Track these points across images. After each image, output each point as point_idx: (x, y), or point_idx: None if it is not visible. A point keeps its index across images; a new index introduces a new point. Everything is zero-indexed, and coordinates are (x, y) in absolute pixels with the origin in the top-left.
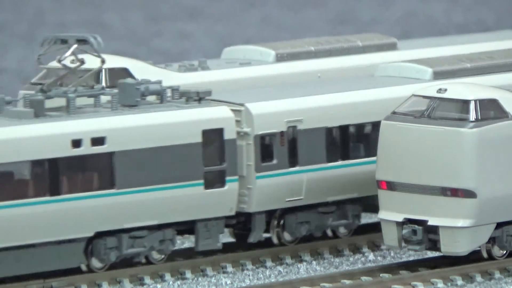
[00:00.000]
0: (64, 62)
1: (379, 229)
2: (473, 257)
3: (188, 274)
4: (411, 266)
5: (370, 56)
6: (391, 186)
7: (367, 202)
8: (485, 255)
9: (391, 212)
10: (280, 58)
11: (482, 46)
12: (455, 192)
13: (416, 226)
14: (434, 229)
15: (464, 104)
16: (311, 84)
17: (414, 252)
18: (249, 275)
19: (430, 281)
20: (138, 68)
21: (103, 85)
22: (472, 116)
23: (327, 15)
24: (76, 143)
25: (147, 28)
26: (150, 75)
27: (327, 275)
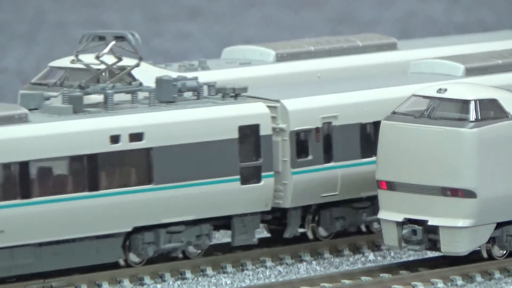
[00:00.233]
0: (102, 58)
1: None
2: (473, 257)
3: (188, 274)
4: (411, 266)
5: (370, 56)
6: (391, 186)
7: None
8: (485, 255)
9: (391, 212)
10: (280, 58)
11: (482, 46)
12: (455, 192)
13: (416, 226)
14: (434, 229)
15: (464, 104)
16: (346, 81)
17: (414, 252)
18: (249, 275)
19: (430, 281)
20: (138, 68)
21: (141, 82)
22: (472, 116)
23: (327, 15)
24: (114, 139)
25: (147, 28)
26: (150, 75)
27: (327, 275)
